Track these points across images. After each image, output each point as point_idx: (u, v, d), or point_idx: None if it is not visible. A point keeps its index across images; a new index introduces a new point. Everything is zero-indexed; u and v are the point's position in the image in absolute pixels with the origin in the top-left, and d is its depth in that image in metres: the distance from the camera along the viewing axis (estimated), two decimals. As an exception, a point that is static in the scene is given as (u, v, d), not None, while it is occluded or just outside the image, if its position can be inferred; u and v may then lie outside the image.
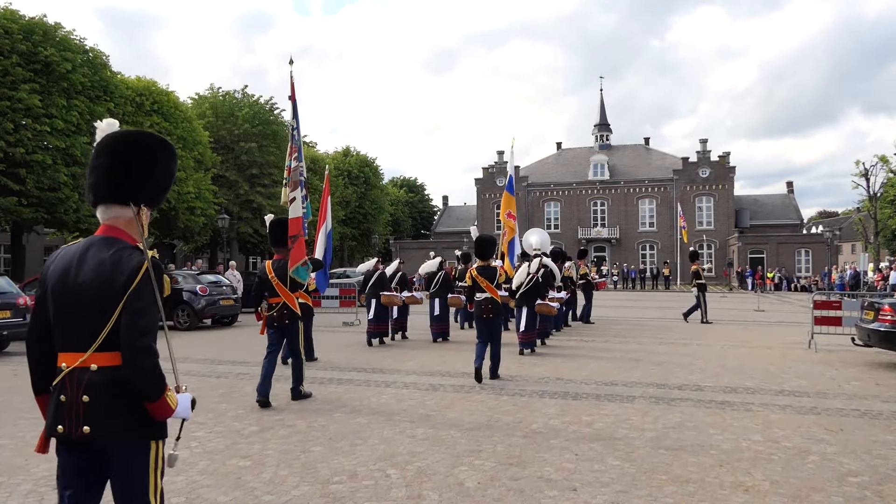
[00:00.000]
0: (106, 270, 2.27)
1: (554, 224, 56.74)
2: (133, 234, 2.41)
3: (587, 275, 17.17)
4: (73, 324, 2.31)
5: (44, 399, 2.43)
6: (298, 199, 7.43)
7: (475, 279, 8.56)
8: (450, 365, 9.91)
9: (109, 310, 2.25)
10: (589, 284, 17.15)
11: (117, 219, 2.41)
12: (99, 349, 2.27)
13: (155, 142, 2.50)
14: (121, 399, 2.27)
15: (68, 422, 2.26)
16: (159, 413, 2.31)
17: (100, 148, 2.43)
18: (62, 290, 2.32)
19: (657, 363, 10.05)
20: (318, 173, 36.61)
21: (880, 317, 9.67)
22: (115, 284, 2.25)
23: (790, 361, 10.33)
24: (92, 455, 2.32)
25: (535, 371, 9.31)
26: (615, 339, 13.62)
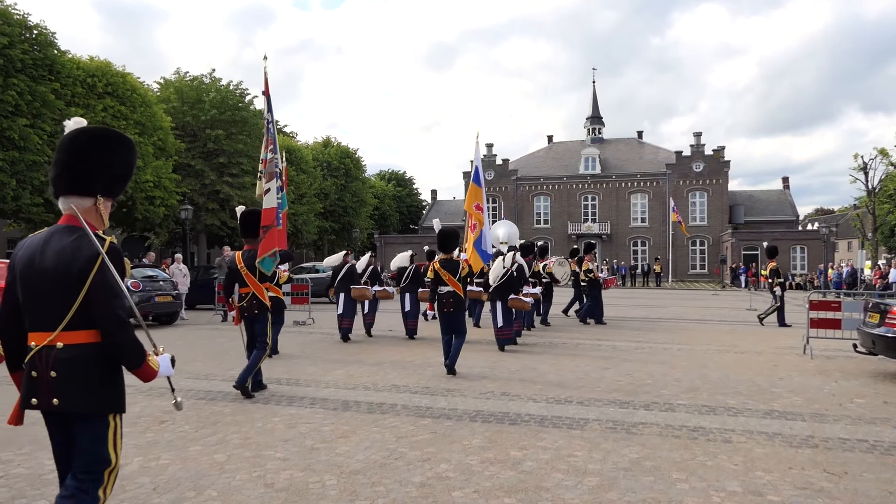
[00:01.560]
0: (66, 257, 2.51)
1: (543, 219, 55.31)
2: (93, 222, 2.62)
3: (591, 271, 15.44)
4: (39, 306, 2.55)
5: (18, 376, 2.66)
6: (273, 189, 7.43)
7: (437, 272, 8.37)
8: (383, 375, 8.45)
9: (72, 293, 2.50)
10: (594, 282, 15.47)
11: (78, 209, 2.58)
12: (65, 329, 2.51)
13: (112, 136, 2.69)
14: (85, 374, 2.52)
15: (40, 395, 2.52)
16: (145, 376, 2.63)
17: (61, 144, 2.64)
18: (29, 275, 2.56)
19: (627, 372, 8.62)
20: (294, 163, 35.12)
21: (887, 320, 8.25)
22: (74, 269, 2.49)
23: (782, 371, 8.93)
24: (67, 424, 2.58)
25: (479, 384, 7.86)
26: (590, 340, 12.21)
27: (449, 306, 8.30)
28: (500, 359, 9.99)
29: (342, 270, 12.39)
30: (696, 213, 52.41)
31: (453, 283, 8.34)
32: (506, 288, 10.78)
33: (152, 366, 2.63)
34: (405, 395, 7.03)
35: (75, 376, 2.50)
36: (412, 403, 6.65)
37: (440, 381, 7.90)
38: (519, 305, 11.03)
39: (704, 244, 51.81)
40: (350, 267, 12.48)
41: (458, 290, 8.38)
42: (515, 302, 10.85)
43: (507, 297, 10.74)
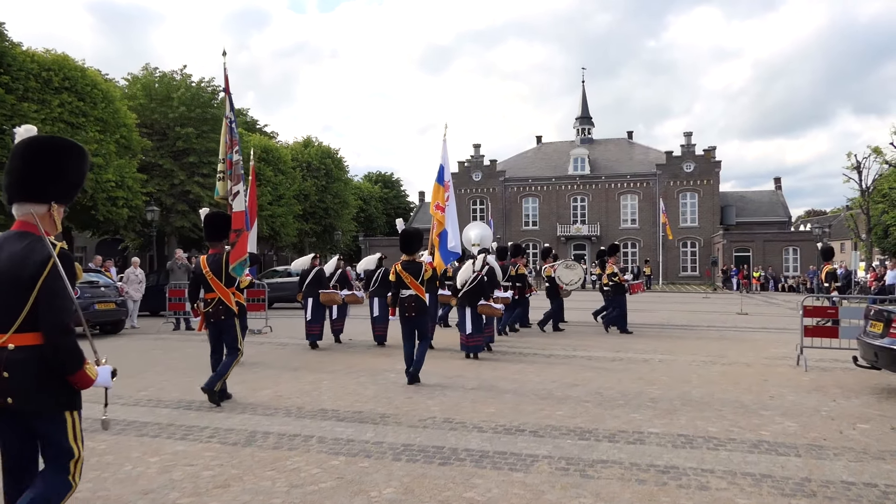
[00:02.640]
0: (17, 261, 2.60)
1: (532, 220, 54.32)
2: (47, 228, 2.72)
3: (616, 275, 14.12)
4: None
5: None
6: (242, 193, 7.19)
7: (399, 275, 8.01)
8: (316, 395, 7.37)
9: (23, 296, 2.58)
10: (619, 287, 14.15)
11: (30, 215, 2.68)
12: (17, 331, 2.60)
13: (65, 145, 2.80)
14: (37, 374, 2.61)
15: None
16: (81, 383, 2.68)
17: (13, 152, 2.75)
18: None
19: (597, 390, 7.57)
20: (272, 164, 34.00)
21: (893, 331, 7.22)
22: (26, 273, 2.58)
23: (773, 387, 7.89)
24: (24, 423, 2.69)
25: (423, 406, 6.79)
26: (565, 351, 11.16)
27: (411, 311, 7.94)
28: (461, 371, 8.94)
29: (310, 274, 11.95)
30: (686, 215, 51.52)
31: (416, 286, 7.98)
32: (475, 293, 10.24)
33: (89, 374, 2.68)
34: (329, 424, 5.95)
35: (28, 376, 2.59)
36: (332, 435, 5.57)
37: (379, 403, 6.83)
38: (489, 311, 10.45)
39: (695, 246, 50.92)
40: (318, 270, 12.06)
41: (420, 294, 8.02)
42: (486, 308, 10.28)
43: (476, 302, 10.18)
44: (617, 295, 14.09)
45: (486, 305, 10.31)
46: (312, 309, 11.73)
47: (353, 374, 8.73)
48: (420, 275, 8.06)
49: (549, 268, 15.13)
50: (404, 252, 8.30)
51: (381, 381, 8.22)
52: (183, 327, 14.78)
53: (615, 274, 14.15)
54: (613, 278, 14.09)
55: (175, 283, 14.91)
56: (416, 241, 8.40)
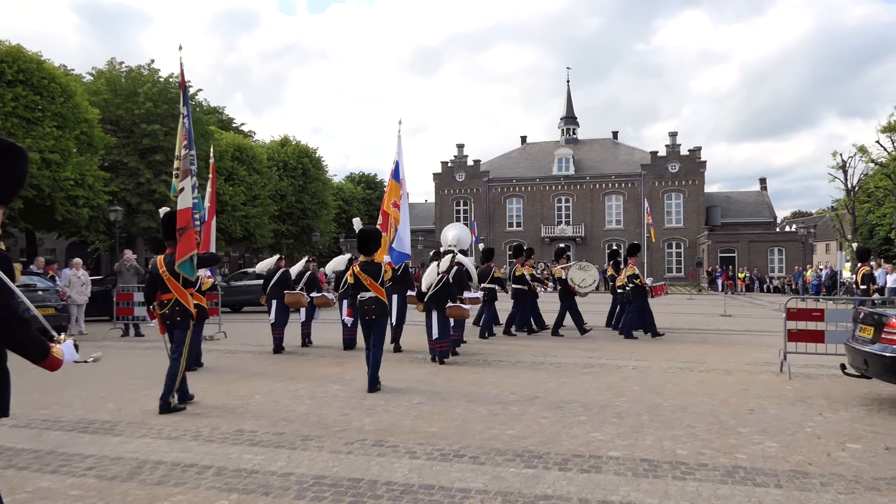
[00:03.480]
0: None
1: (516, 221, 53.62)
2: None
3: (636, 277, 13.24)
4: None
5: None
6: (188, 189, 6.95)
7: (357, 276, 7.72)
8: (239, 413, 6.54)
9: None
10: (640, 289, 13.20)
11: None
12: None
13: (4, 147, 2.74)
14: None
15: None
16: (51, 367, 2.81)
17: None
18: None
19: (558, 403, 6.78)
20: (247, 163, 33.05)
21: (885, 336, 6.49)
22: None
23: (754, 398, 7.15)
24: None
25: (357, 424, 5.97)
26: (534, 355, 10.44)
27: (371, 313, 7.66)
28: (416, 379, 8.16)
29: (275, 276, 11.61)
30: (671, 215, 51.03)
31: (375, 287, 7.69)
32: (441, 295, 9.83)
33: (56, 356, 2.79)
34: (238, 450, 5.12)
35: None
36: (236, 464, 4.74)
37: (308, 422, 6.01)
38: (457, 314, 10.08)
39: (681, 246, 50.41)
40: (284, 272, 11.72)
41: (380, 296, 7.73)
42: (454, 310, 9.90)
43: (443, 305, 9.78)
44: (638, 298, 13.15)
45: (455, 307, 9.91)
46: (276, 312, 11.35)
47: (292, 386, 7.89)
48: (380, 276, 7.76)
49: (560, 269, 14.30)
50: (362, 253, 7.99)
51: (320, 394, 7.40)
52: (132, 333, 13.88)
53: (636, 275, 13.20)
54: (634, 280, 13.16)
55: (123, 287, 13.99)
56: (374, 241, 8.04)
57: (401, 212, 11.27)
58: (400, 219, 11.16)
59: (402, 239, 11.24)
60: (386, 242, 10.84)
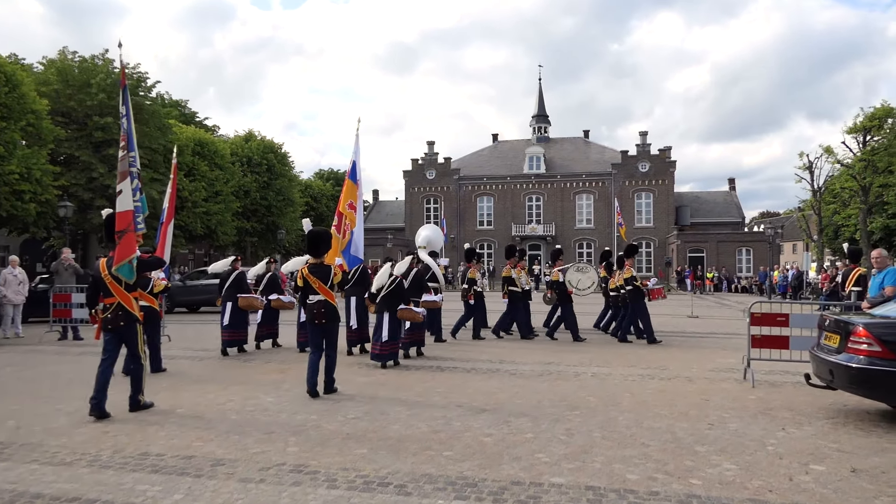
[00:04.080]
0: None
1: (487, 220, 53.23)
2: None
3: (633, 279, 12.61)
4: None
5: None
6: (128, 191, 6.78)
7: (306, 279, 7.51)
8: (152, 433, 5.92)
9: None
10: (638, 292, 12.61)
11: None
12: None
13: None
14: None
15: None
16: None
17: None
18: None
19: (506, 418, 6.29)
20: (208, 158, 32.10)
21: (851, 345, 6.11)
22: None
23: (714, 410, 6.73)
24: None
25: (281, 443, 5.40)
26: (491, 361, 9.95)
27: (320, 318, 7.40)
28: (358, 390, 7.59)
29: (230, 277, 11.40)
30: (642, 215, 51.08)
31: (324, 291, 7.47)
32: (394, 297, 9.57)
33: None
34: (133, 479, 4.52)
35: None
36: (123, 499, 4.15)
37: (226, 442, 5.43)
38: (409, 316, 9.87)
39: (650, 246, 50.46)
40: (239, 273, 11.48)
41: (330, 299, 7.49)
42: (405, 313, 9.70)
43: (395, 307, 9.53)
44: (636, 302, 12.58)
45: (407, 310, 9.70)
46: (230, 314, 11.08)
47: (223, 398, 7.28)
48: (329, 279, 7.53)
49: (556, 272, 13.72)
50: (311, 254, 7.77)
51: (250, 407, 6.81)
52: (71, 336, 13.09)
53: (633, 278, 12.60)
54: (633, 282, 12.56)
55: (60, 287, 13.19)
56: (324, 243, 7.82)
57: (357, 213, 10.84)
58: (356, 221, 10.73)
59: (357, 242, 10.80)
60: (338, 244, 10.41)
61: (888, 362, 5.82)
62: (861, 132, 28.07)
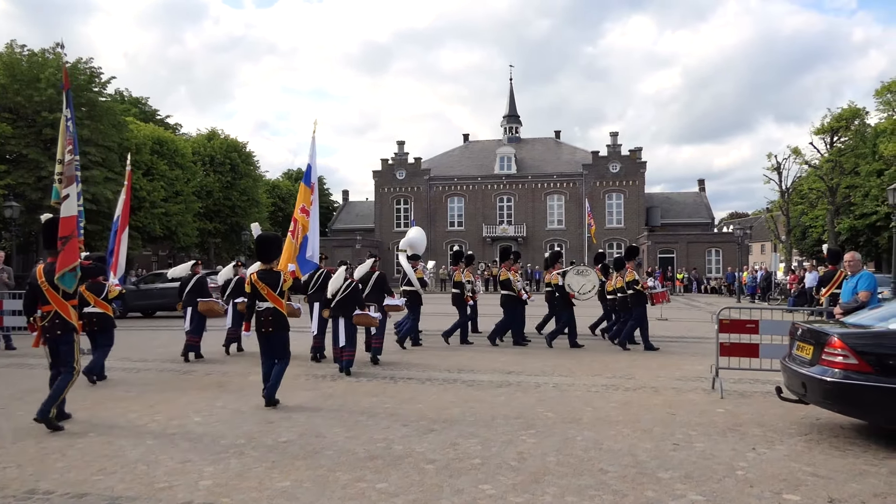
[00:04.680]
0: None
1: (458, 221, 52.71)
2: None
3: (636, 282, 12.00)
4: None
5: None
6: (73, 196, 6.57)
7: (254, 285, 7.25)
8: (52, 463, 5.24)
9: None
10: (640, 296, 12.00)
11: None
12: None
13: None
14: None
15: None
16: None
17: None
18: None
19: (454, 439, 5.72)
20: (168, 157, 31.08)
21: (825, 357, 5.64)
22: None
23: (680, 427, 6.24)
24: None
25: (209, 468, 4.76)
26: (449, 369, 9.42)
27: (268, 325, 7.15)
28: (299, 405, 6.99)
29: (191, 282, 11.39)
30: (612, 215, 50.99)
31: (273, 298, 7.19)
32: (349, 301, 9.38)
33: None
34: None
35: None
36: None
37: (131, 473, 4.78)
38: (365, 321, 9.66)
39: (621, 247, 50.29)
40: (200, 278, 11.50)
41: (279, 307, 7.22)
42: (361, 318, 9.51)
43: (351, 312, 9.38)
44: (637, 306, 11.97)
45: (363, 315, 9.49)
46: (192, 319, 11.06)
47: (144, 418, 6.61)
48: (278, 285, 7.25)
49: (555, 275, 12.99)
50: (261, 260, 7.55)
51: (172, 429, 6.14)
52: (2, 346, 12.26)
53: (636, 281, 11.97)
54: (635, 286, 11.93)
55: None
56: (274, 248, 7.59)
57: (310, 218, 10.33)
58: (309, 226, 10.20)
59: (312, 247, 10.30)
60: (290, 250, 9.88)
61: (865, 376, 5.38)
62: (828, 133, 28.15)
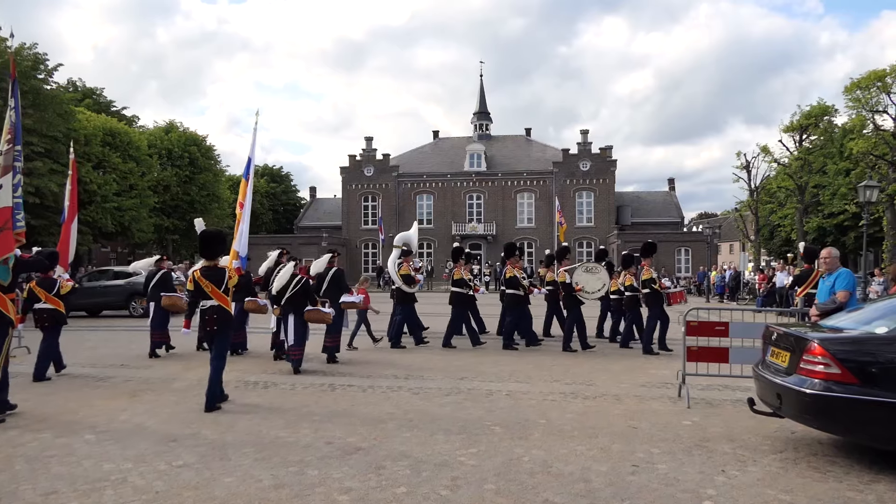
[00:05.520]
0: None
1: (427, 219, 51.83)
2: None
3: (654, 281, 11.34)
4: None
5: None
6: (8, 186, 6.51)
7: (198, 282, 7.02)
8: None
9: None
10: (657, 296, 11.28)
11: None
12: None
13: None
14: None
15: None
16: None
17: None
18: None
19: (382, 459, 4.92)
20: (120, 149, 29.74)
21: (804, 366, 4.96)
22: None
23: (642, 443, 5.52)
24: None
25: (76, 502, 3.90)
26: (396, 376, 8.61)
27: (213, 324, 6.94)
28: (211, 420, 6.06)
29: (155, 277, 11.35)
30: (583, 214, 50.62)
31: (218, 295, 6.99)
32: (300, 298, 9.24)
33: None
34: None
35: None
36: None
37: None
38: (316, 318, 9.40)
39: (591, 246, 49.97)
40: (165, 273, 11.45)
41: (224, 304, 7.02)
42: (313, 314, 9.33)
43: (301, 308, 9.22)
44: (653, 306, 11.26)
45: (314, 311, 9.32)
46: (154, 314, 11.03)
47: (27, 436, 5.70)
48: (223, 282, 7.04)
49: (562, 272, 12.09)
50: (204, 257, 7.32)
51: (52, 451, 5.25)
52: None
53: (652, 280, 11.27)
54: (652, 285, 11.25)
55: None
56: (218, 244, 7.34)
57: (243, 212, 9.71)
58: (241, 220, 9.59)
59: (240, 243, 9.65)
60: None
61: (849, 388, 4.70)
62: (798, 131, 27.94)
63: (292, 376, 8.88)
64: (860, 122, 22.12)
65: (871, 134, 22.14)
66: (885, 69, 21.01)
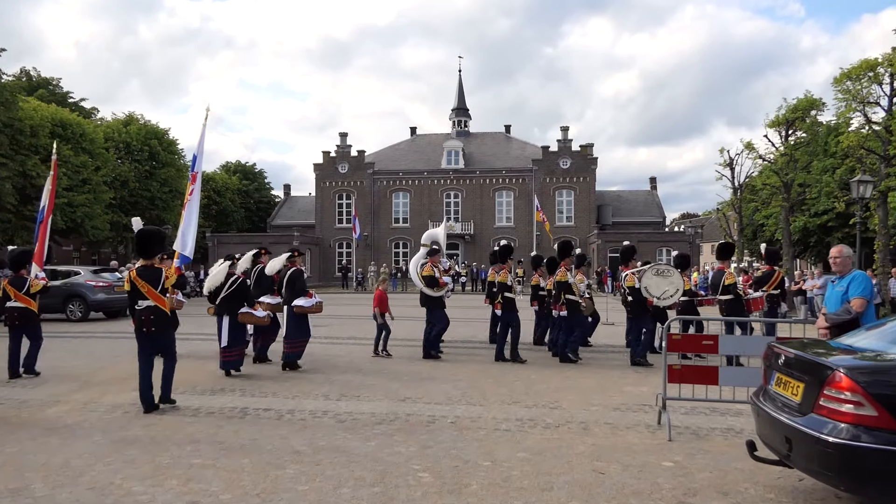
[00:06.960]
0: None
1: (402, 217, 50.40)
2: None
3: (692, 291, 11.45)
4: None
5: None
6: None
7: (134, 283, 6.80)
8: None
9: None
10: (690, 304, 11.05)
11: None
12: None
13: None
14: None
15: None
16: None
17: None
18: None
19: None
20: (73, 141, 28.00)
21: (825, 403, 3.65)
22: None
23: (609, 489, 4.20)
24: None
25: None
26: (327, 396, 7.19)
27: (150, 325, 6.81)
28: (62, 464, 4.66)
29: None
30: (563, 213, 49.44)
31: (154, 296, 6.85)
32: (234, 299, 9.05)
33: None
34: None
35: None
36: None
37: None
38: (250, 320, 9.26)
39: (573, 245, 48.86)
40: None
41: (161, 305, 6.90)
42: (246, 316, 9.16)
43: (236, 309, 9.08)
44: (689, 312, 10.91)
45: (247, 314, 9.11)
46: None
47: None
48: (160, 282, 6.91)
49: (630, 275, 10.76)
50: (141, 256, 7.17)
51: None
52: None
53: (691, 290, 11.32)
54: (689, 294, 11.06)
55: None
56: (155, 243, 7.16)
57: (185, 210, 8.64)
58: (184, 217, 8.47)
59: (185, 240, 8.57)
60: None
61: (889, 436, 3.40)
62: (783, 125, 26.94)
63: (204, 397, 7.54)
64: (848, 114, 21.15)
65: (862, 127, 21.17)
66: (878, 58, 19.97)
